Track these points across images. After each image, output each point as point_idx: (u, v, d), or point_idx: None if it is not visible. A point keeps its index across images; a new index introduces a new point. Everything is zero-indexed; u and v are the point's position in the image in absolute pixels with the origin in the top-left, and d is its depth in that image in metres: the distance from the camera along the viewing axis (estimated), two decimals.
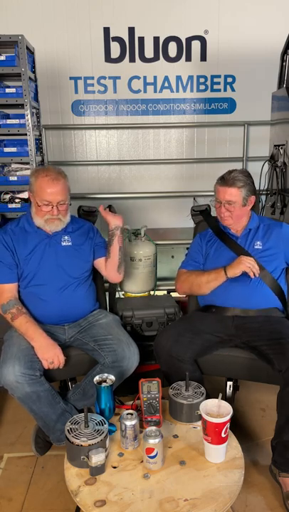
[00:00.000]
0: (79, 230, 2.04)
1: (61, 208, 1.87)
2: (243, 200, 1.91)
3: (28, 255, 1.90)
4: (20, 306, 1.86)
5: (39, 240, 1.93)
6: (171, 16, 3.81)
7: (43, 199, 1.83)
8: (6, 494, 1.74)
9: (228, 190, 1.89)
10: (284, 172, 3.20)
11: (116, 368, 1.78)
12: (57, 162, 4.02)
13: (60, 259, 1.94)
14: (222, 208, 1.93)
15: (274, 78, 3.45)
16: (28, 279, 1.91)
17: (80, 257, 2.00)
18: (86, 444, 1.30)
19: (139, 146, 4.14)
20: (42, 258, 1.91)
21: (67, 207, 1.92)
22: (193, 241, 2.16)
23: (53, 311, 1.92)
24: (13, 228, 1.95)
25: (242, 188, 1.89)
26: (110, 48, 3.88)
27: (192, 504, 1.21)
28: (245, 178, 1.91)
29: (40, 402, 1.72)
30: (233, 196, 1.89)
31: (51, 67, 3.82)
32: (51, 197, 1.83)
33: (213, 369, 1.88)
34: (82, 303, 1.99)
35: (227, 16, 3.82)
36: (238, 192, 1.89)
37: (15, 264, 1.90)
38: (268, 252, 1.95)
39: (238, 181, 1.89)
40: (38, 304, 1.91)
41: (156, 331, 2.32)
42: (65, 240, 1.97)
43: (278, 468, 1.68)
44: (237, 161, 4.07)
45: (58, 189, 1.84)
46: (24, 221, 1.97)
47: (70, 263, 1.95)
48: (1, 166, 2.73)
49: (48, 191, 1.82)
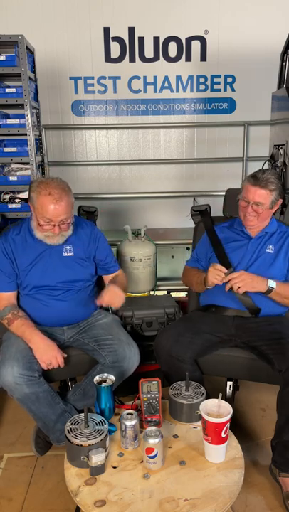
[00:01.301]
0: (81, 236, 1.95)
1: (63, 226, 1.79)
2: (272, 203, 1.87)
3: (29, 266, 1.87)
4: (16, 310, 1.83)
5: (40, 251, 1.88)
6: (171, 16, 3.81)
7: (44, 217, 1.74)
8: (6, 494, 1.74)
9: (258, 192, 1.84)
10: (284, 172, 3.20)
11: (116, 368, 1.78)
12: (57, 162, 4.03)
13: (61, 270, 1.89)
14: (249, 208, 1.88)
15: (274, 78, 3.45)
16: (29, 288, 1.88)
17: (82, 268, 1.94)
18: (86, 444, 1.30)
19: (139, 146, 4.14)
20: (43, 269, 1.87)
21: (70, 223, 1.83)
22: (202, 236, 2.16)
23: (54, 315, 1.91)
24: (13, 237, 1.89)
25: (273, 191, 1.85)
26: (110, 48, 3.88)
27: (192, 504, 1.21)
28: (277, 181, 1.86)
29: (39, 403, 1.72)
30: (263, 198, 1.85)
31: (51, 67, 3.82)
32: (53, 217, 1.73)
33: (213, 369, 1.88)
34: (83, 307, 1.97)
35: (227, 16, 3.83)
36: (268, 194, 1.85)
37: (14, 274, 1.87)
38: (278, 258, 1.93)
39: (270, 184, 1.84)
40: (39, 308, 1.89)
41: (156, 331, 2.32)
42: (67, 251, 1.91)
43: (278, 468, 1.68)
44: (237, 161, 4.08)
45: (61, 209, 1.73)
46: (26, 230, 1.90)
47: (71, 274, 1.91)
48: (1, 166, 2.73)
49: (51, 211, 1.72)
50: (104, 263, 2.02)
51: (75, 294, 1.93)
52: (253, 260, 1.94)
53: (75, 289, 1.92)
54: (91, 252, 1.97)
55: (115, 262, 2.08)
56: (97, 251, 1.99)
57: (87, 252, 1.96)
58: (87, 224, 2.03)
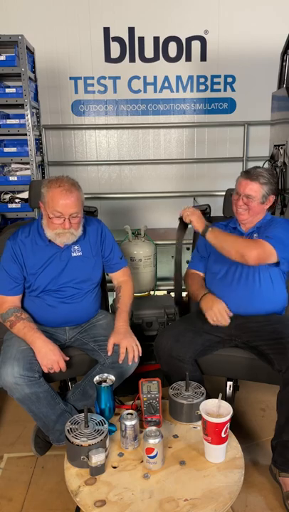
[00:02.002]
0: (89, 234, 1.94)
1: (73, 221, 1.77)
2: (263, 197, 1.88)
3: (39, 269, 1.85)
4: (20, 312, 1.82)
5: (50, 254, 1.86)
6: (171, 16, 3.81)
7: (55, 210, 1.73)
8: (6, 494, 1.74)
9: (249, 184, 1.86)
10: (284, 172, 3.20)
11: (116, 368, 1.78)
12: (57, 162, 4.03)
13: (70, 271, 1.88)
14: (240, 200, 1.90)
15: (274, 78, 3.45)
16: (38, 290, 1.87)
17: (90, 267, 1.94)
18: (86, 444, 1.30)
19: (139, 146, 4.14)
20: (53, 272, 1.86)
21: (80, 220, 1.82)
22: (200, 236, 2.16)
23: (59, 317, 1.90)
24: (23, 239, 1.87)
25: (264, 184, 1.86)
26: (110, 48, 3.88)
27: (192, 504, 1.21)
28: (269, 176, 1.88)
29: (39, 403, 1.72)
30: (253, 191, 1.86)
31: (51, 67, 3.82)
32: (64, 209, 1.73)
33: (213, 369, 1.88)
34: (88, 309, 1.97)
35: (227, 16, 3.83)
36: (259, 187, 1.86)
37: (22, 278, 1.86)
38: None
39: (261, 177, 1.86)
40: (44, 309, 1.88)
41: (156, 331, 2.32)
42: (75, 251, 1.90)
43: (278, 468, 1.68)
44: (237, 161, 4.08)
45: (72, 201, 1.73)
46: (35, 232, 1.87)
47: (80, 274, 1.90)
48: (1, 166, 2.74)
49: (61, 203, 1.72)
50: (108, 259, 2.01)
51: (82, 296, 1.92)
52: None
53: (82, 291, 1.91)
54: (98, 248, 1.97)
55: (121, 259, 2.05)
56: (104, 245, 1.99)
57: (94, 248, 1.95)
58: (93, 221, 2.02)
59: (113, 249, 2.02)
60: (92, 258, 1.94)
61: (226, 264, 1.94)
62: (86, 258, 1.92)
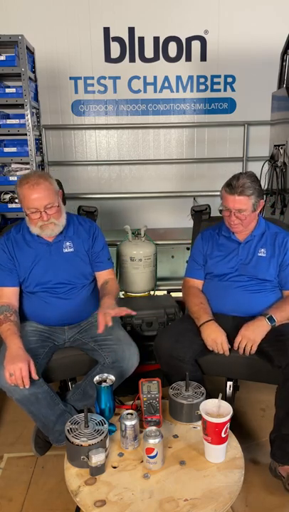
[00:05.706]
0: (80, 232, 1.97)
1: (50, 211, 1.79)
2: (253, 206, 1.86)
3: (31, 264, 1.88)
4: (10, 313, 1.81)
5: (40, 249, 1.90)
6: (171, 16, 3.81)
7: (28, 207, 1.77)
8: (6, 494, 1.74)
9: (237, 199, 1.82)
10: (284, 172, 3.21)
11: (116, 368, 1.78)
12: (57, 162, 4.03)
13: (63, 266, 1.91)
14: (232, 216, 1.87)
15: (274, 78, 3.45)
16: (32, 286, 1.89)
17: (83, 263, 1.96)
18: (86, 444, 1.30)
19: (139, 146, 4.14)
20: (44, 267, 1.89)
21: (58, 209, 1.82)
22: (195, 242, 2.14)
23: (56, 314, 1.91)
24: (15, 235, 1.92)
25: (252, 195, 1.83)
26: (110, 48, 3.88)
27: (192, 504, 1.21)
28: (253, 184, 1.84)
29: (38, 404, 1.72)
30: (243, 205, 1.83)
31: (51, 67, 3.82)
32: (36, 203, 1.75)
33: (214, 369, 1.88)
34: (85, 306, 1.97)
35: (227, 16, 3.82)
36: (248, 200, 1.83)
37: (15, 270, 1.88)
38: (272, 260, 1.93)
39: (247, 189, 1.82)
40: (42, 307, 1.90)
41: (156, 331, 2.32)
42: (67, 247, 1.93)
43: (277, 462, 1.68)
44: (237, 161, 4.07)
45: (41, 194, 1.75)
46: (24, 229, 1.92)
47: (73, 270, 1.93)
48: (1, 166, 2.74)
49: (31, 197, 1.75)
50: (98, 255, 2.00)
51: (78, 291, 1.93)
52: (246, 266, 1.94)
53: (78, 287, 1.93)
54: (90, 244, 1.99)
55: (108, 261, 2.06)
56: (95, 242, 2.00)
57: (86, 245, 1.97)
58: (86, 221, 2.06)
59: (104, 248, 2.04)
60: (85, 253, 1.97)
61: (226, 266, 1.95)
62: (78, 253, 1.95)
